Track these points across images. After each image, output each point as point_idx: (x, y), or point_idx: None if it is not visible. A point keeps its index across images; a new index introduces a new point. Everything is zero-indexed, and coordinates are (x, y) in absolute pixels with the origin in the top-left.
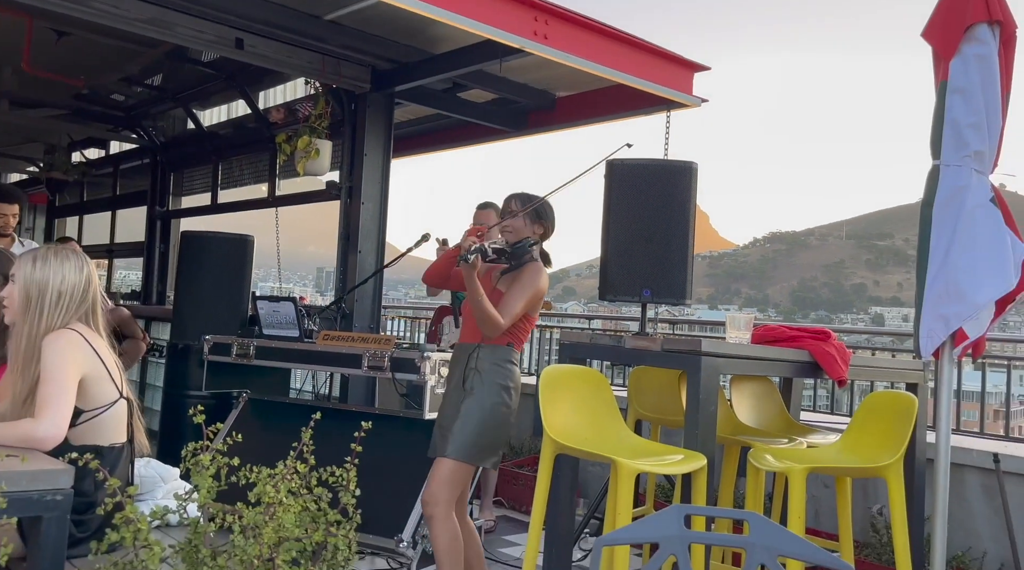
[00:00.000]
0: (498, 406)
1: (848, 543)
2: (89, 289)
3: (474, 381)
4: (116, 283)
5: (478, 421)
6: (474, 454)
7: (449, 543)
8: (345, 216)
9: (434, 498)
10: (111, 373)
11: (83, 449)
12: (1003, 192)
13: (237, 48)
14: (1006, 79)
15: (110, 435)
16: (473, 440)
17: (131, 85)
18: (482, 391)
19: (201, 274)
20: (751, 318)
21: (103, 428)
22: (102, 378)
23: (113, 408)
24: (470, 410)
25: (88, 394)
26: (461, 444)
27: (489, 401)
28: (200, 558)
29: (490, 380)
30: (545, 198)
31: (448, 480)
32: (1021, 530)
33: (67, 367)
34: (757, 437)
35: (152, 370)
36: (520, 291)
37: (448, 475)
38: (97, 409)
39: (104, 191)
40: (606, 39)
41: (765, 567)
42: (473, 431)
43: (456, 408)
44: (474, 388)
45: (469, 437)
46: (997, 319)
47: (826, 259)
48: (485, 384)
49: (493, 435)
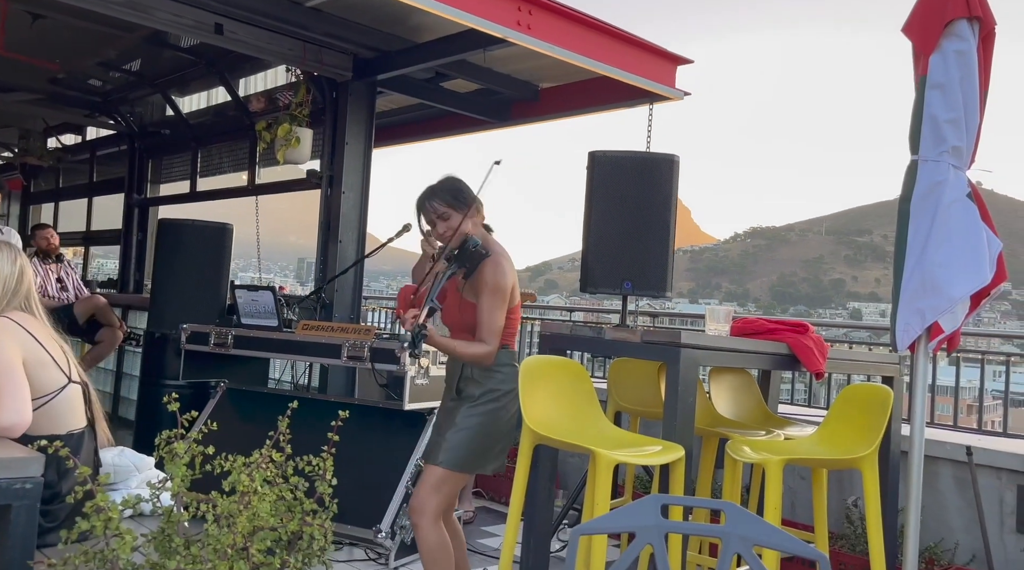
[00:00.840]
0: (493, 412)
1: (823, 534)
2: (23, 279)
3: (468, 389)
4: (93, 271)
5: (469, 431)
6: (468, 463)
7: (435, 551)
8: (326, 205)
9: (422, 506)
10: (55, 359)
11: (39, 438)
12: (979, 188)
13: (216, 34)
14: (984, 75)
15: (65, 422)
16: (466, 448)
17: (108, 70)
18: (476, 399)
19: (179, 262)
20: (730, 311)
21: (56, 415)
22: (44, 364)
23: (63, 394)
24: (464, 418)
25: (31, 381)
26: (453, 453)
27: (482, 409)
28: (173, 547)
29: (485, 388)
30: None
31: (436, 488)
32: (992, 522)
33: (5, 353)
34: (735, 429)
35: (129, 359)
36: (490, 299)
37: (437, 483)
38: (44, 396)
39: (80, 177)
40: (590, 30)
41: (741, 557)
42: (466, 440)
43: (451, 416)
44: (468, 396)
45: (462, 446)
46: (972, 313)
47: (805, 254)
48: (479, 392)
49: (488, 442)
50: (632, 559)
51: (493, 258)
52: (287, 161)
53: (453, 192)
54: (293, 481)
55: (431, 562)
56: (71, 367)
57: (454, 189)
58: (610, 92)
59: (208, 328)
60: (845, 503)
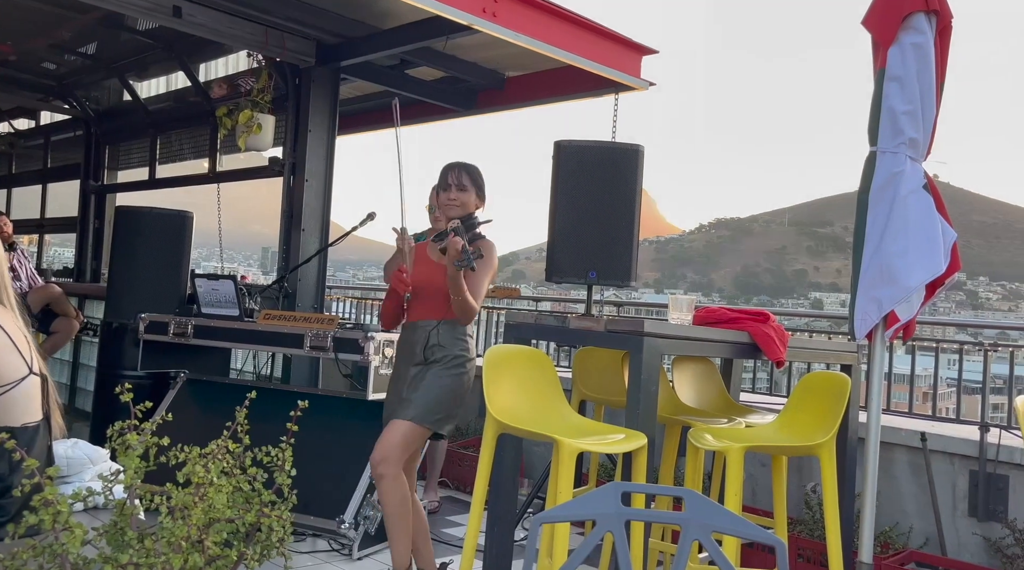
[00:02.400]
0: (460, 376)
1: (782, 520)
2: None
3: (437, 355)
4: (49, 260)
5: (441, 389)
6: (433, 420)
7: (399, 505)
8: (288, 193)
9: (385, 458)
10: (17, 346)
11: None
12: (935, 181)
13: (175, 17)
14: (941, 68)
15: (21, 414)
16: (434, 407)
17: (63, 53)
18: (445, 363)
19: (137, 251)
20: (693, 300)
21: (12, 407)
22: (6, 350)
23: (23, 384)
24: (434, 379)
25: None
26: (423, 409)
27: (452, 372)
28: (126, 541)
29: (452, 353)
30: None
31: (401, 442)
32: (945, 506)
33: None
34: (697, 417)
35: (86, 349)
36: (484, 272)
37: (402, 437)
38: (4, 386)
39: (34, 163)
40: (556, 19)
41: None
42: (435, 398)
43: (417, 380)
44: (436, 360)
45: (431, 404)
46: (927, 302)
47: (769, 245)
48: (448, 357)
49: (452, 405)
50: (592, 546)
51: (488, 240)
52: (249, 148)
53: (481, 181)
54: (251, 472)
55: (395, 514)
56: (33, 358)
57: (482, 180)
58: (576, 81)
59: (167, 318)
60: (804, 489)
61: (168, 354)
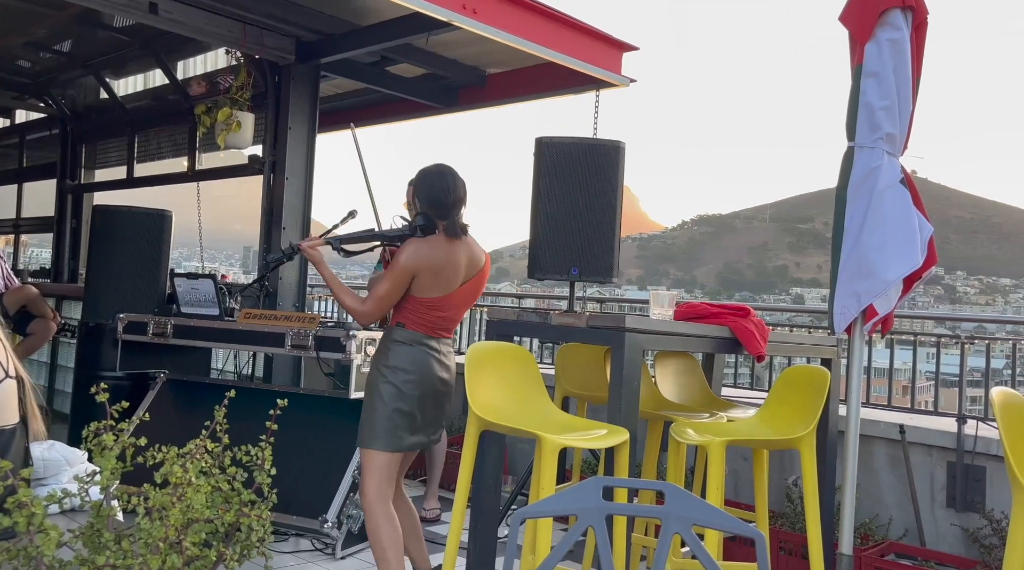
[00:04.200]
0: (373, 385)
1: (764, 513)
2: None
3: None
4: (25, 260)
5: (366, 406)
6: (366, 438)
7: (375, 533)
8: (268, 192)
9: (362, 490)
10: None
11: None
12: (913, 176)
13: (151, 13)
14: (917, 64)
15: None
16: (365, 425)
17: (37, 50)
18: (368, 373)
19: (115, 250)
20: (674, 295)
21: None
22: None
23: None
24: (370, 394)
25: None
26: (361, 431)
27: (371, 384)
28: (103, 542)
29: (374, 363)
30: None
31: (368, 470)
32: (924, 497)
33: None
34: (679, 412)
35: (63, 351)
36: (387, 272)
37: (365, 465)
38: None
39: (9, 163)
40: (536, 15)
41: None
42: (364, 416)
43: None
44: (368, 373)
45: (363, 423)
46: (905, 296)
47: (751, 242)
48: (370, 366)
49: (375, 416)
50: (574, 541)
51: (409, 241)
52: (228, 146)
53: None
54: (231, 471)
55: (373, 544)
56: (9, 361)
57: (420, 182)
58: (557, 78)
59: (146, 317)
60: (786, 483)
61: (147, 354)
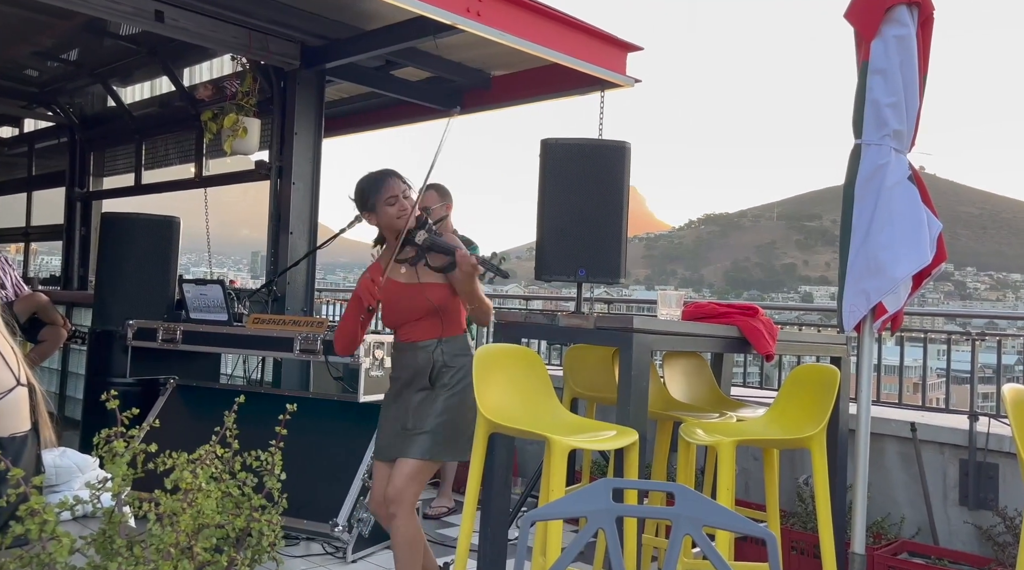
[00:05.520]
0: (467, 397)
1: (775, 513)
2: None
3: (444, 377)
4: (36, 268)
5: (454, 414)
6: (451, 451)
7: (410, 544)
8: (276, 197)
9: (400, 496)
10: (4, 358)
11: None
12: (922, 173)
13: (157, 21)
14: (923, 60)
15: (9, 424)
16: (451, 435)
17: (45, 59)
18: (452, 384)
19: (124, 257)
20: (682, 295)
21: (0, 417)
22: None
23: (9, 396)
24: (444, 405)
25: None
26: (435, 444)
27: (465, 396)
28: (115, 549)
29: (462, 375)
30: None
31: (416, 478)
32: (936, 495)
33: None
34: (689, 412)
35: (74, 357)
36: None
37: (416, 473)
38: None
39: (19, 171)
40: (540, 17)
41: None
42: (451, 427)
43: (424, 408)
44: (445, 384)
45: (448, 435)
46: (914, 293)
47: (758, 240)
48: (458, 379)
49: (468, 425)
50: (583, 543)
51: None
52: (235, 152)
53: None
54: (241, 477)
55: (405, 553)
56: (20, 368)
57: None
58: (562, 79)
59: (155, 324)
60: (797, 482)
61: (157, 360)
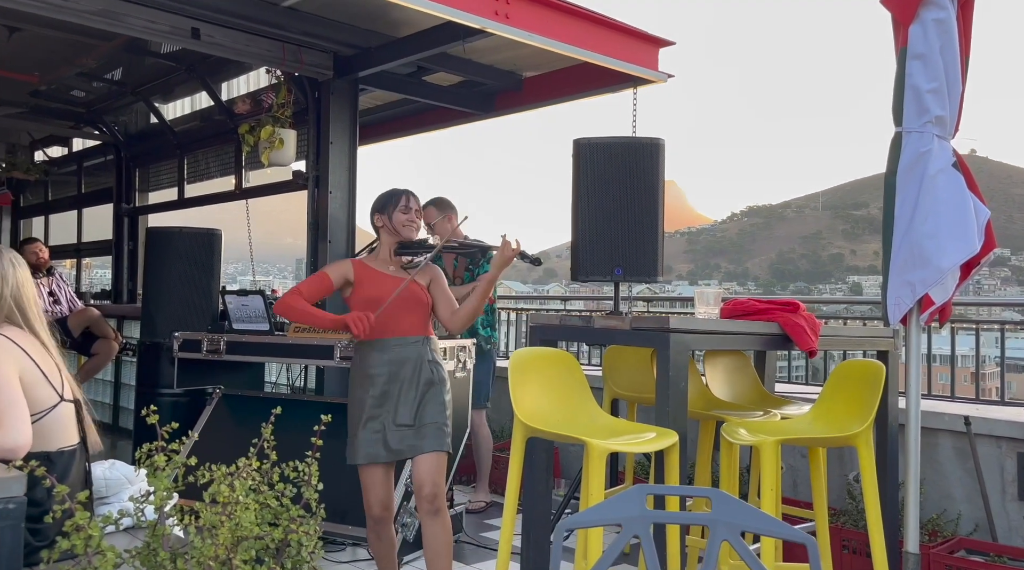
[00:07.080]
0: (449, 392)
1: (822, 511)
2: (5, 289)
3: (439, 373)
4: (88, 283)
5: (448, 408)
6: (453, 444)
7: (451, 538)
8: (313, 206)
9: (440, 490)
10: (47, 376)
11: (30, 456)
12: (974, 156)
13: (194, 38)
14: (965, 43)
15: (57, 439)
16: (450, 431)
17: (90, 80)
18: (443, 382)
19: (168, 270)
20: (719, 293)
21: (47, 433)
22: (36, 382)
23: (55, 412)
24: (448, 402)
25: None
26: (449, 435)
27: (450, 389)
28: (159, 562)
29: (444, 373)
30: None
31: (443, 470)
32: (994, 491)
33: (4, 373)
34: (731, 411)
35: (126, 369)
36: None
37: (442, 465)
38: (35, 415)
39: (69, 189)
40: (569, 16)
41: None
42: (450, 421)
43: (426, 403)
44: (441, 380)
45: (450, 427)
46: (963, 283)
47: (803, 231)
48: (444, 374)
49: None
50: (618, 551)
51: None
52: (272, 163)
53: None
54: (279, 488)
55: (446, 550)
56: (64, 384)
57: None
58: (593, 78)
59: (200, 335)
60: (847, 479)
61: (203, 371)
